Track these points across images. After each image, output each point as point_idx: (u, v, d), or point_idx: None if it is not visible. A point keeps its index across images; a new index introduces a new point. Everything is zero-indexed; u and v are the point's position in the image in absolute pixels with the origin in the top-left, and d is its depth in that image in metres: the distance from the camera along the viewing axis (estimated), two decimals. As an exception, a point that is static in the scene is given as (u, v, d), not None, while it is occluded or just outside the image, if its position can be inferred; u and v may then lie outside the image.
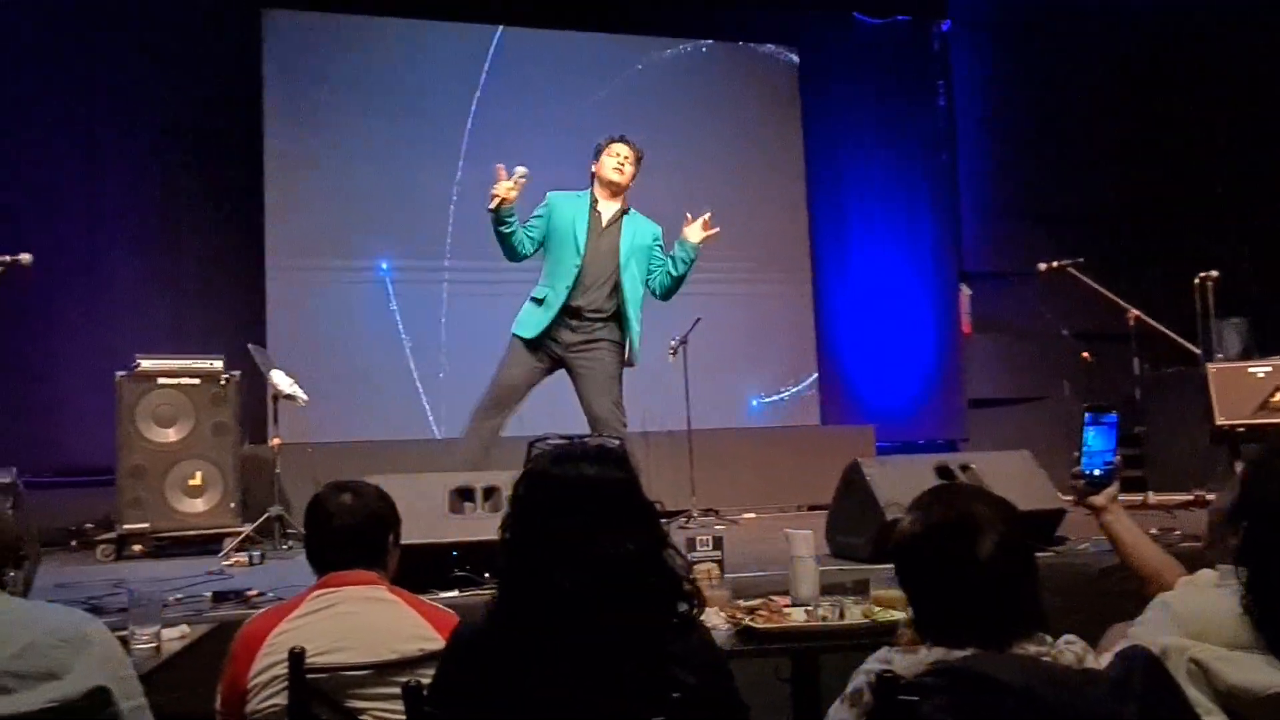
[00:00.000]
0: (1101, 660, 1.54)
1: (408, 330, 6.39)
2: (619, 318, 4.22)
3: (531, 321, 4.19)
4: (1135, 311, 5.35)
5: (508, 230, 4.08)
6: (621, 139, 4.32)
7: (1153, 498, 5.10)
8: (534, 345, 4.18)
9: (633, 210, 4.33)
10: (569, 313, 4.16)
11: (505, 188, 4.01)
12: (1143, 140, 7.39)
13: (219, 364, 4.93)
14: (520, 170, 4.03)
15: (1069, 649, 1.46)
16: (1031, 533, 1.57)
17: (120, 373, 4.78)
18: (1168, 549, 2.13)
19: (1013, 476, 3.59)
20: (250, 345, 5.21)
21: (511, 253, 4.19)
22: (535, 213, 4.23)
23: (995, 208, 7.54)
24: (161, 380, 4.80)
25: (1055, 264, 5.45)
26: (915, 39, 7.62)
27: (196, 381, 4.84)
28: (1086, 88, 7.45)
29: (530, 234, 4.19)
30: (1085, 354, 5.63)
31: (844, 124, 7.41)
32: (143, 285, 5.99)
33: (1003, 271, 7.29)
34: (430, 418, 6.32)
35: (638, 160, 4.31)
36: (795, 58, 7.36)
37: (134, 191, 6.03)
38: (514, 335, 4.22)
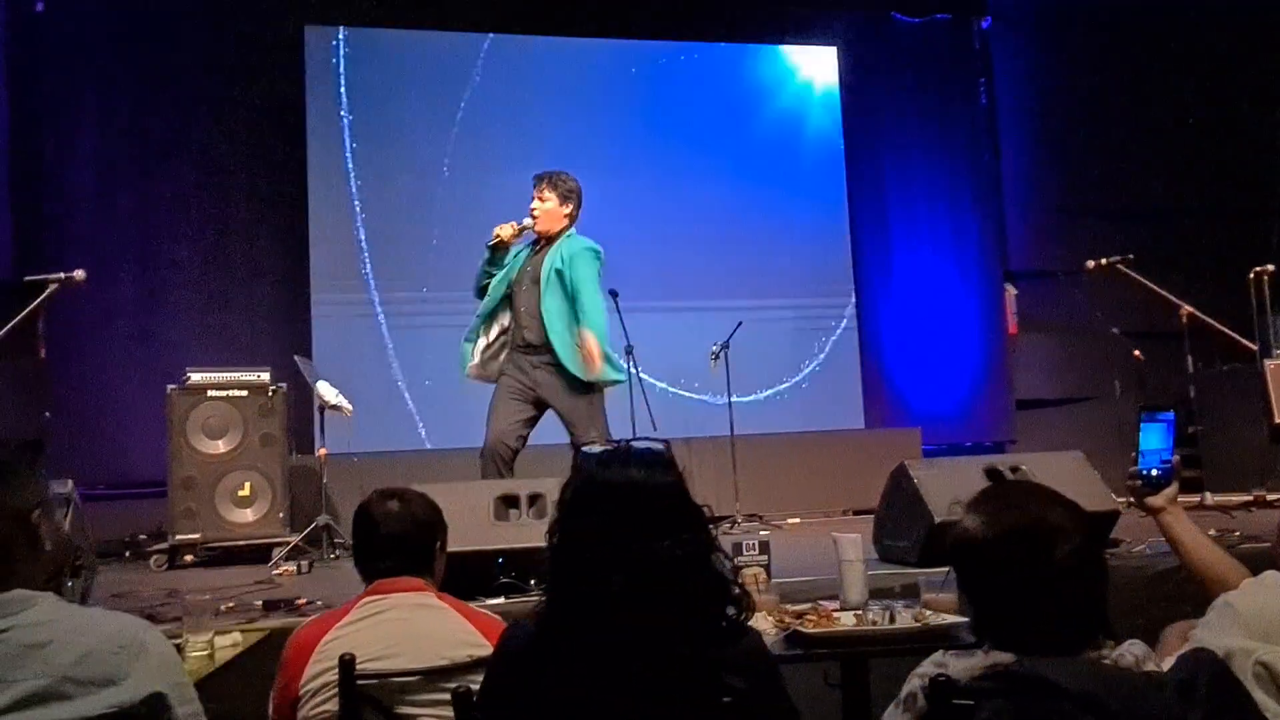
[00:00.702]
0: (1164, 664, 1.50)
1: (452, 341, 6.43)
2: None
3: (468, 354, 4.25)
4: (1188, 308, 5.23)
5: (495, 269, 4.16)
6: (540, 177, 4.26)
7: (1210, 498, 4.98)
8: (506, 382, 4.17)
9: (566, 237, 4.21)
10: (520, 348, 4.16)
11: (509, 230, 4.10)
12: (1192, 133, 7.23)
13: (266, 376, 5.00)
14: (528, 222, 4.14)
15: (1129, 651, 1.43)
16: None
17: (171, 386, 4.87)
18: (1228, 551, 2.07)
19: (1065, 478, 3.51)
20: (296, 357, 5.28)
21: (480, 287, 4.27)
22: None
23: (1040, 205, 7.43)
24: (211, 393, 4.88)
25: (1104, 261, 5.35)
26: (955, 37, 7.55)
27: (244, 393, 4.91)
28: (1131, 81, 7.32)
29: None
30: (1136, 352, 5.51)
31: (884, 124, 7.36)
32: (191, 299, 6.10)
33: (1049, 270, 7.17)
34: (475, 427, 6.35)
35: (555, 192, 4.19)
36: (834, 58, 7.32)
37: (183, 208, 6.16)
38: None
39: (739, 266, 6.95)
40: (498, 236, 4.13)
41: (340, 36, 6.52)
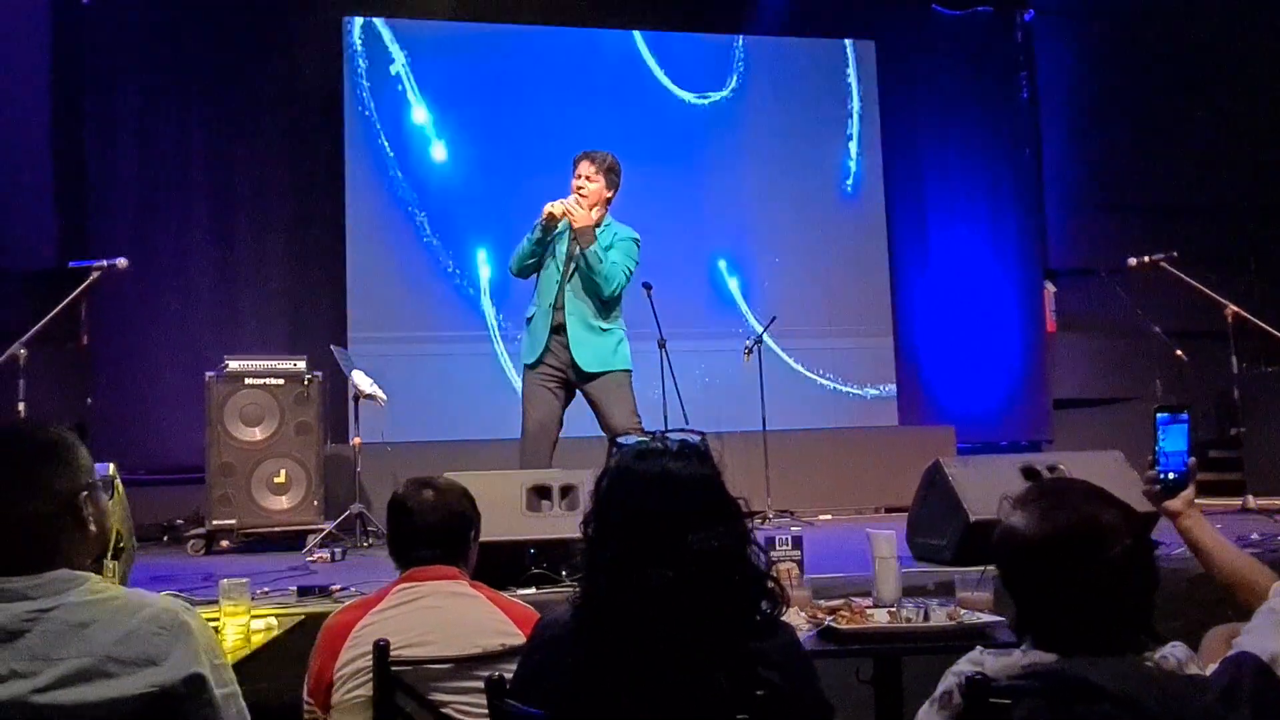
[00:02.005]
0: (1205, 669, 1.48)
1: (487, 328, 6.47)
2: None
3: (529, 346, 4.22)
4: (1233, 307, 5.13)
5: (538, 249, 4.12)
6: (584, 155, 4.25)
7: (1253, 501, 4.89)
8: (540, 371, 4.18)
9: (608, 222, 4.24)
10: (557, 331, 4.15)
11: (560, 207, 4.07)
12: (1238, 129, 7.08)
13: (302, 365, 5.05)
14: (576, 201, 4.11)
15: (1171, 654, 1.41)
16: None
17: (210, 374, 4.93)
18: (1271, 555, 2.02)
19: (1103, 478, 3.41)
20: (333, 346, 5.33)
21: (524, 267, 4.22)
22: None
23: (1081, 202, 7.31)
24: (248, 381, 4.93)
25: (1148, 258, 5.26)
26: (997, 30, 7.44)
27: (281, 382, 4.96)
28: (1177, 75, 7.17)
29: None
30: (1179, 352, 5.41)
31: (923, 118, 7.28)
32: (230, 288, 6.18)
33: (1089, 267, 7.06)
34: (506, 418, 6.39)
35: (601, 172, 4.19)
36: (873, 52, 7.25)
37: (222, 198, 6.23)
38: (524, 366, 4.26)
39: (772, 261, 6.91)
40: (549, 215, 4.09)
41: (381, 25, 6.56)
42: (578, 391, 4.24)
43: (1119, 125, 7.20)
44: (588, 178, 4.18)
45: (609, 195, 4.22)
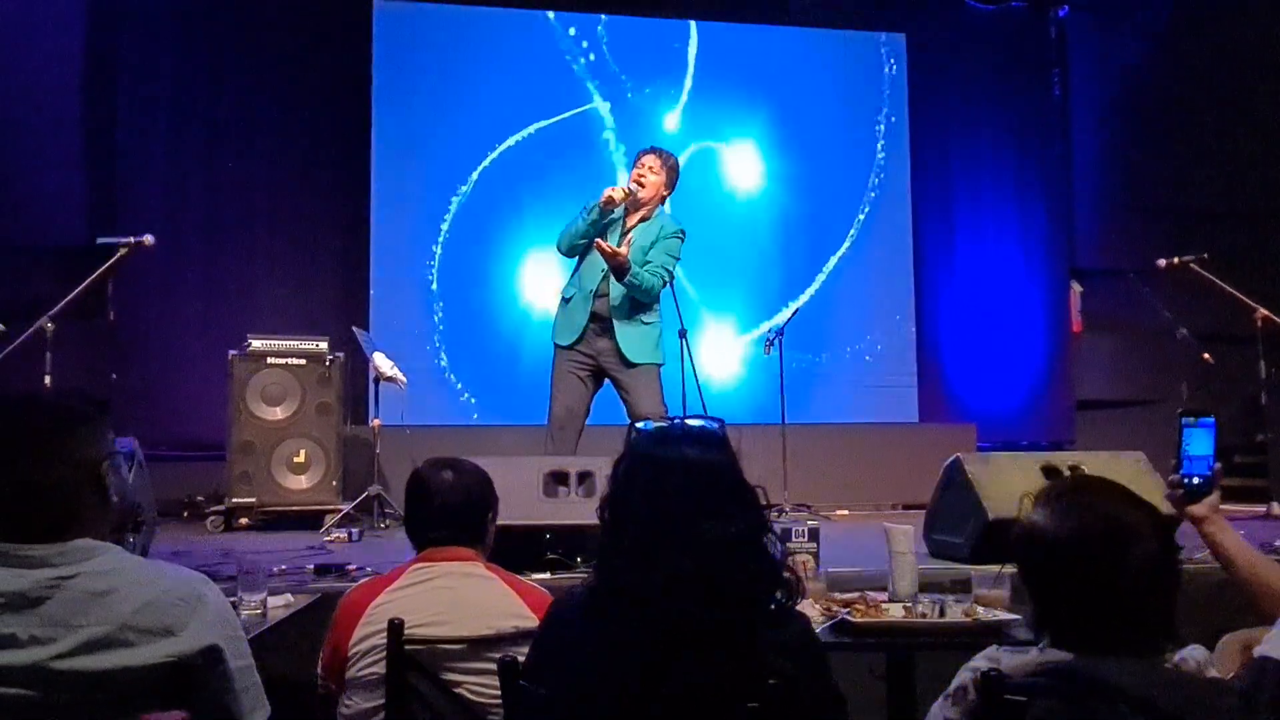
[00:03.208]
0: (1221, 673, 1.46)
1: (515, 314, 6.47)
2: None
3: (564, 326, 4.22)
4: (1263, 311, 5.06)
5: (593, 230, 4.11)
6: (649, 150, 4.30)
7: (1277, 508, 4.83)
8: (572, 357, 4.19)
9: (659, 214, 4.29)
10: (595, 318, 4.16)
11: (620, 193, 4.09)
12: (1273, 132, 6.97)
13: (324, 345, 5.07)
14: (635, 188, 4.15)
15: (1191, 656, 1.39)
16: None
17: (232, 352, 4.97)
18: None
19: (1124, 480, 3.40)
20: (354, 328, 5.36)
21: (573, 246, 4.21)
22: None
23: (1110, 202, 7.22)
24: (270, 360, 4.96)
25: (1177, 260, 5.19)
26: (1030, 25, 7.34)
27: (303, 362, 4.99)
28: (1211, 77, 7.06)
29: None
30: (1206, 355, 5.34)
31: (952, 114, 7.21)
32: (255, 268, 6.21)
33: (1117, 268, 6.97)
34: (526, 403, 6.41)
35: (664, 167, 4.24)
36: (903, 46, 7.18)
37: (248, 177, 6.25)
38: (556, 344, 4.26)
39: (797, 254, 6.88)
40: (609, 199, 4.10)
41: (409, 10, 6.56)
42: (605, 381, 4.25)
43: (1151, 125, 7.10)
44: (651, 169, 4.21)
45: (665, 193, 4.27)
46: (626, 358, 4.14)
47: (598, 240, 4.07)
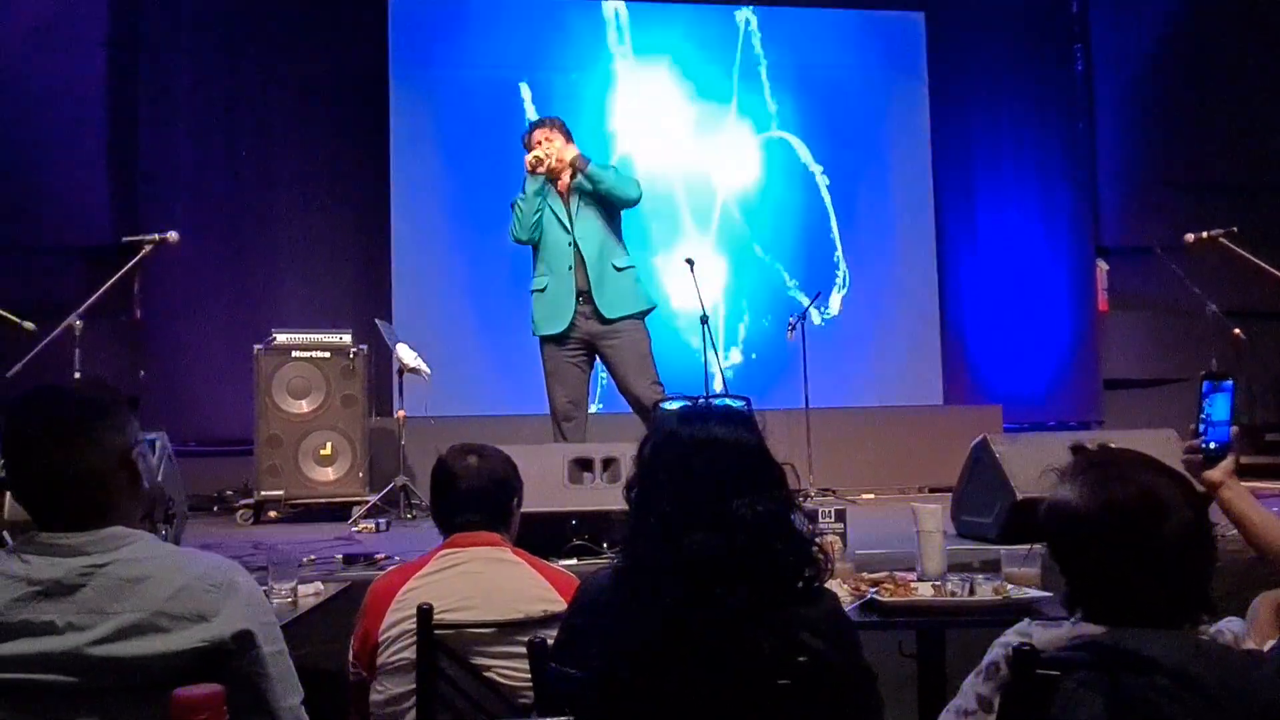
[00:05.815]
0: (1252, 634, 1.44)
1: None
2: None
3: (547, 316, 4.17)
4: (1295, 285, 4.97)
5: (538, 198, 4.08)
6: (536, 123, 4.27)
7: (1310, 485, 4.76)
8: (566, 347, 4.17)
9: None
10: (579, 295, 4.12)
11: (533, 156, 4.05)
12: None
13: (348, 338, 5.10)
14: (538, 154, 4.08)
15: (1227, 628, 1.38)
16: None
17: (258, 346, 5.01)
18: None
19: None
20: (377, 320, 5.38)
21: (529, 224, 4.15)
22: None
23: (1136, 177, 7.11)
24: (295, 353, 5.00)
25: (1206, 235, 5.11)
26: (1051, 0, 7.25)
27: (327, 355, 5.02)
28: (1234, 49, 6.94)
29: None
30: (1237, 331, 5.26)
31: (973, 91, 7.12)
32: (278, 262, 6.25)
33: (1143, 245, 6.87)
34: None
35: (559, 131, 4.20)
36: (922, 23, 7.10)
37: (269, 172, 6.30)
38: (540, 338, 4.23)
39: (817, 236, 6.84)
40: (534, 161, 4.06)
41: (426, 2, 6.57)
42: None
43: (1176, 99, 6.99)
44: (546, 138, 4.17)
45: (574, 147, 4.20)
46: (604, 315, 4.11)
47: (528, 157, 4.04)
